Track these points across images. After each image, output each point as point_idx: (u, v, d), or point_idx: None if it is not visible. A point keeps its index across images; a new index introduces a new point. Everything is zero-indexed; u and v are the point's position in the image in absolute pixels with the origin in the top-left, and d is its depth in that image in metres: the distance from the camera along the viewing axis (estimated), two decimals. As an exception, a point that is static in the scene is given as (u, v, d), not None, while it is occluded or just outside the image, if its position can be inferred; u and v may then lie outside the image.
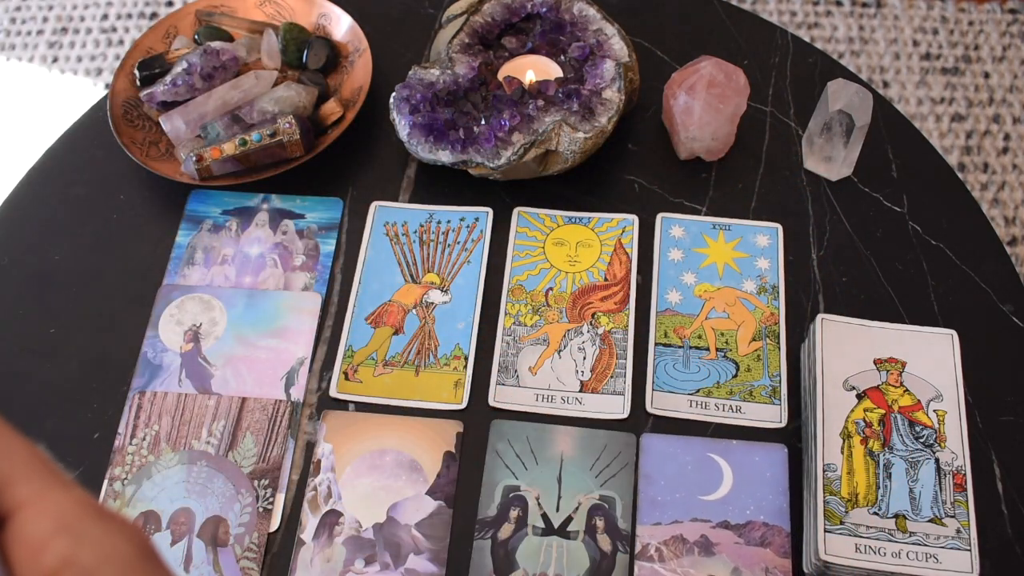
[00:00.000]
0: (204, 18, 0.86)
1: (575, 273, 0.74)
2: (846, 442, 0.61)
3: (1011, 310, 0.71)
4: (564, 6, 0.79)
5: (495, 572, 0.62)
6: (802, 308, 0.72)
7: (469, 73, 0.76)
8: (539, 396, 0.68)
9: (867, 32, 1.70)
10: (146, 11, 1.79)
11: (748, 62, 0.84)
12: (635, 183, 0.79)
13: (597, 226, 0.76)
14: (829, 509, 0.59)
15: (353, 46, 0.83)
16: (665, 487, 0.64)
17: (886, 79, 1.65)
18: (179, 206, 0.79)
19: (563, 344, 0.71)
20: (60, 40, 1.76)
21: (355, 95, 0.80)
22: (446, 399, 0.68)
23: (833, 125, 0.73)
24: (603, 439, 0.66)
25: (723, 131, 0.76)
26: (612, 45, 0.77)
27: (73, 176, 0.81)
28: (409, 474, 0.65)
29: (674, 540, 0.62)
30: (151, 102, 0.80)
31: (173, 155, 0.78)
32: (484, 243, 0.76)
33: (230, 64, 0.81)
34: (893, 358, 0.65)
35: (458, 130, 0.74)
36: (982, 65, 1.66)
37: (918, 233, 0.75)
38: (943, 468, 0.60)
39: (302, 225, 0.77)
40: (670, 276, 0.74)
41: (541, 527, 0.63)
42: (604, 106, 0.74)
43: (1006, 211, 1.51)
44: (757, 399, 0.67)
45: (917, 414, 0.62)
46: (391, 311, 0.73)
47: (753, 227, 0.76)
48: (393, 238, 0.76)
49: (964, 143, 1.57)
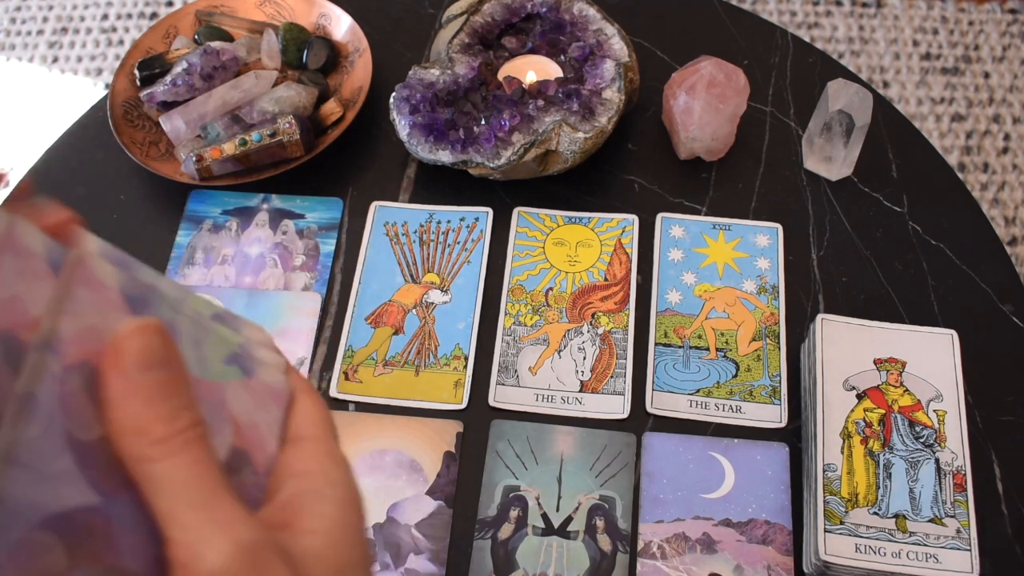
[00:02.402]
0: (204, 18, 0.86)
1: (575, 273, 0.74)
2: (846, 442, 0.61)
3: (1011, 310, 0.71)
4: (564, 6, 0.79)
5: (495, 572, 0.62)
6: (802, 308, 0.72)
7: (469, 73, 0.76)
8: (539, 396, 0.68)
9: (867, 32, 1.70)
10: (146, 11, 1.79)
11: (748, 62, 0.84)
12: (635, 183, 0.79)
13: (597, 226, 0.76)
14: (829, 509, 0.59)
15: (353, 46, 0.83)
16: (667, 485, 0.64)
17: (886, 79, 1.65)
18: (179, 206, 0.79)
19: (563, 344, 0.71)
20: (60, 40, 1.76)
21: (355, 95, 0.80)
22: (446, 399, 0.68)
23: (833, 125, 0.73)
24: (603, 439, 0.66)
25: (723, 131, 0.76)
26: (612, 45, 0.77)
27: (73, 176, 0.81)
28: (409, 474, 0.65)
29: (676, 538, 0.62)
30: (151, 102, 0.80)
31: (173, 155, 0.78)
32: (484, 243, 0.76)
33: (230, 64, 0.81)
34: (893, 358, 0.65)
35: (458, 130, 0.74)
36: (982, 65, 1.66)
37: (918, 233, 0.75)
38: (943, 468, 0.60)
39: (302, 225, 0.77)
40: (670, 276, 0.74)
41: (541, 527, 0.63)
42: (604, 106, 0.74)
43: (1006, 211, 1.51)
44: (757, 399, 0.67)
45: (917, 414, 0.62)
46: (391, 311, 0.73)
47: (753, 227, 0.76)
48: (393, 238, 0.76)
49: (964, 143, 1.57)
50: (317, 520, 0.26)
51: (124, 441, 0.23)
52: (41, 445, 0.22)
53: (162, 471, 0.23)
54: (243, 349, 0.29)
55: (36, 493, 0.21)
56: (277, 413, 0.29)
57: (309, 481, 0.27)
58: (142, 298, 0.25)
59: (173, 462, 0.23)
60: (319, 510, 0.26)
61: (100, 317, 0.23)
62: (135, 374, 0.23)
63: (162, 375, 0.23)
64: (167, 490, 0.23)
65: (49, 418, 0.22)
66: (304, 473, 0.27)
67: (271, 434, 0.28)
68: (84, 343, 0.23)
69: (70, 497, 0.22)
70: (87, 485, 0.22)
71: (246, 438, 0.27)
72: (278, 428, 0.28)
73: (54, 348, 0.22)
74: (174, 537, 0.23)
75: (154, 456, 0.23)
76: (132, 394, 0.23)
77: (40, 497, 0.21)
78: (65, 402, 0.22)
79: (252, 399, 0.28)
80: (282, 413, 0.29)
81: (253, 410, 0.28)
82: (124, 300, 0.24)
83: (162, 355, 0.24)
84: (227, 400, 0.27)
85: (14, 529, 0.21)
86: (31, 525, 0.21)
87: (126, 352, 0.23)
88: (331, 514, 0.26)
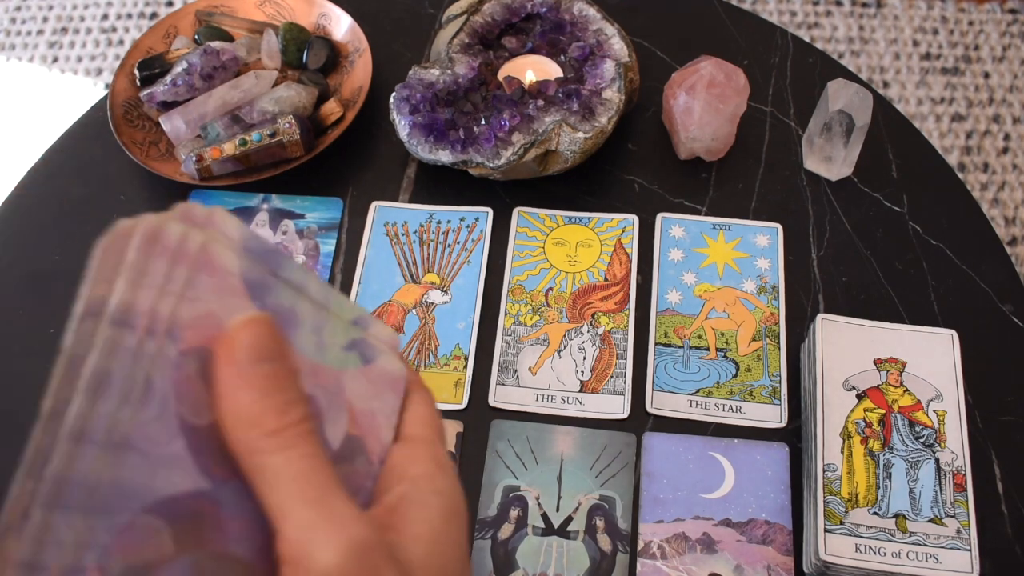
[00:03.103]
0: (204, 18, 0.86)
1: (575, 273, 0.74)
2: (846, 442, 0.61)
3: (1011, 310, 0.71)
4: (564, 6, 0.79)
5: (495, 572, 0.62)
6: (802, 308, 0.72)
7: (469, 73, 0.76)
8: (539, 396, 0.68)
9: (867, 32, 1.70)
10: (146, 11, 1.79)
11: (748, 62, 0.84)
12: (635, 183, 0.79)
13: (597, 226, 0.76)
14: (829, 509, 0.59)
15: (353, 46, 0.83)
16: (667, 485, 0.64)
17: (886, 79, 1.65)
18: (179, 206, 0.78)
19: (563, 344, 0.71)
20: (60, 40, 1.76)
21: (355, 95, 0.80)
22: (446, 399, 0.68)
23: (833, 125, 0.73)
24: (603, 439, 0.66)
25: (723, 131, 0.76)
26: (612, 45, 0.77)
27: (73, 176, 0.81)
28: (409, 474, 0.65)
29: (676, 538, 0.62)
30: (151, 102, 0.80)
31: (173, 155, 0.78)
32: (484, 243, 0.76)
33: (230, 64, 0.81)
34: (893, 358, 0.65)
35: (458, 130, 0.74)
36: (982, 65, 1.66)
37: (918, 233, 0.75)
38: (943, 468, 0.60)
39: (302, 225, 0.77)
40: (670, 276, 0.74)
41: (541, 527, 0.63)
42: (604, 106, 0.74)
43: (1006, 211, 1.51)
44: (757, 399, 0.67)
45: (917, 414, 0.62)
46: (391, 311, 0.73)
47: (753, 227, 0.76)
48: (393, 238, 0.76)
49: (964, 143, 1.57)
50: (421, 527, 0.26)
51: (235, 432, 0.23)
52: (155, 429, 0.22)
53: (275, 464, 0.23)
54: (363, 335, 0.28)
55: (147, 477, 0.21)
56: (394, 402, 0.29)
57: (417, 486, 0.27)
58: (263, 283, 0.25)
59: (286, 455, 0.23)
60: (424, 516, 0.26)
61: (219, 303, 0.23)
62: (246, 366, 0.23)
63: (273, 368, 0.23)
64: (280, 484, 0.23)
65: (164, 402, 0.22)
66: (413, 478, 0.27)
67: (387, 423, 0.28)
68: (202, 328, 0.23)
69: (180, 481, 0.22)
70: (198, 470, 0.22)
71: (362, 426, 0.27)
72: (395, 417, 0.28)
73: (173, 334, 0.22)
74: (285, 532, 0.23)
75: (267, 448, 0.23)
76: (244, 386, 0.23)
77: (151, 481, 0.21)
78: (179, 387, 0.22)
79: (370, 387, 0.28)
80: (399, 402, 0.29)
81: (370, 398, 0.28)
82: (244, 286, 0.24)
83: (273, 348, 0.24)
84: (345, 387, 0.27)
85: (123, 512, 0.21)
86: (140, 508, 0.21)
87: (238, 344, 0.23)
88: (435, 522, 0.26)
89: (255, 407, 0.23)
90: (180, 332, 0.22)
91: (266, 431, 0.23)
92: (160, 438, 0.22)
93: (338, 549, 0.22)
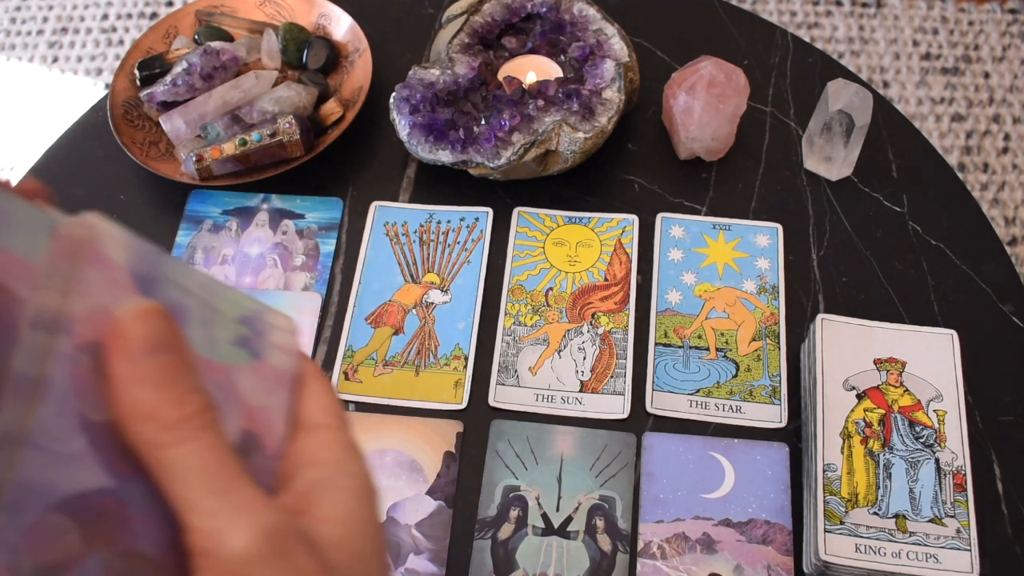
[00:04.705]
0: (204, 18, 0.86)
1: (575, 273, 0.74)
2: (846, 442, 0.61)
3: (1011, 310, 0.71)
4: (564, 6, 0.79)
5: (495, 572, 0.62)
6: (802, 308, 0.72)
7: (469, 73, 0.76)
8: (539, 396, 0.68)
9: (867, 32, 1.70)
10: (146, 11, 1.79)
11: (748, 62, 0.84)
12: (635, 183, 0.79)
13: (597, 226, 0.76)
14: (829, 509, 0.59)
15: (353, 46, 0.83)
16: (667, 485, 0.64)
17: (886, 79, 1.65)
18: (179, 206, 0.79)
19: (563, 344, 0.71)
20: (60, 40, 1.76)
21: (355, 95, 0.80)
22: (446, 399, 0.68)
23: (833, 125, 0.73)
24: (603, 439, 0.66)
25: (723, 131, 0.76)
26: (612, 45, 0.77)
27: (73, 176, 0.81)
28: (409, 474, 0.65)
29: (676, 538, 0.62)
30: (151, 102, 0.80)
31: (173, 155, 0.78)
32: (484, 243, 0.76)
33: (230, 64, 0.81)
34: (893, 358, 0.65)
35: (458, 130, 0.74)
36: (982, 65, 1.66)
37: (918, 233, 0.75)
38: (943, 468, 0.60)
39: (302, 225, 0.77)
40: (670, 276, 0.74)
41: (541, 527, 0.63)
42: (604, 106, 0.74)
43: (1006, 211, 1.51)
44: (757, 399, 0.67)
45: (917, 414, 0.62)
46: (391, 311, 0.73)
47: (753, 227, 0.76)
48: (393, 238, 0.76)
49: (964, 143, 1.57)
50: (334, 509, 0.26)
51: (134, 427, 0.22)
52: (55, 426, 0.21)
53: (177, 457, 0.22)
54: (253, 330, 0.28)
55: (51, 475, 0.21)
56: (285, 396, 0.28)
57: (325, 470, 0.27)
58: (151, 278, 0.25)
59: (188, 448, 0.23)
60: (335, 499, 0.26)
61: (110, 296, 0.23)
62: (140, 358, 0.22)
63: (168, 359, 0.23)
64: (184, 476, 0.22)
65: (62, 399, 0.21)
66: (320, 462, 0.27)
67: (280, 417, 0.28)
68: (94, 323, 0.22)
69: (84, 479, 0.22)
70: (101, 467, 0.22)
71: (256, 421, 0.27)
72: (286, 412, 0.28)
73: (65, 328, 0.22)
74: (193, 524, 0.22)
75: (168, 442, 0.22)
76: (139, 379, 0.22)
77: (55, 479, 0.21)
78: (77, 383, 0.22)
79: (261, 382, 0.28)
80: (289, 396, 0.29)
81: (262, 393, 0.27)
82: (133, 280, 0.24)
83: (167, 339, 0.23)
84: (236, 382, 0.27)
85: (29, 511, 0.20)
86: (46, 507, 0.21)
87: (130, 336, 0.23)
88: (347, 504, 0.26)
89: (152, 400, 0.22)
90: (73, 326, 0.22)
91: (165, 424, 0.22)
92: (61, 435, 0.21)
93: (249, 534, 0.22)
